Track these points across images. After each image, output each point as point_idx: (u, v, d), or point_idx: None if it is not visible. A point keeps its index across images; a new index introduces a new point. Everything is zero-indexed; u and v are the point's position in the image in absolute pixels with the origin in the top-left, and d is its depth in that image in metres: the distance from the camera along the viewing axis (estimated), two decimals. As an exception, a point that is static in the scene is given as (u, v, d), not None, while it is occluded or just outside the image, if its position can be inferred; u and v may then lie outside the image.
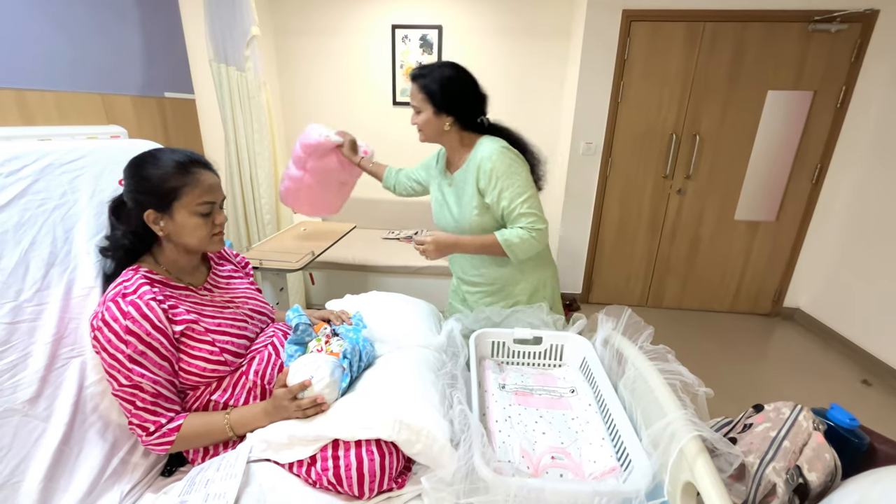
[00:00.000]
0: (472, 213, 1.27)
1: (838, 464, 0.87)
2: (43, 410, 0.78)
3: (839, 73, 2.47)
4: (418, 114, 1.26)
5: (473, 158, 1.24)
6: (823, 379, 2.29)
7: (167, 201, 0.85)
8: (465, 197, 1.28)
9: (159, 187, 0.84)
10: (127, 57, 1.82)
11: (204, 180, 0.88)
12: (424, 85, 1.21)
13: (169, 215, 0.86)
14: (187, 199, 0.86)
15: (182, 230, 0.87)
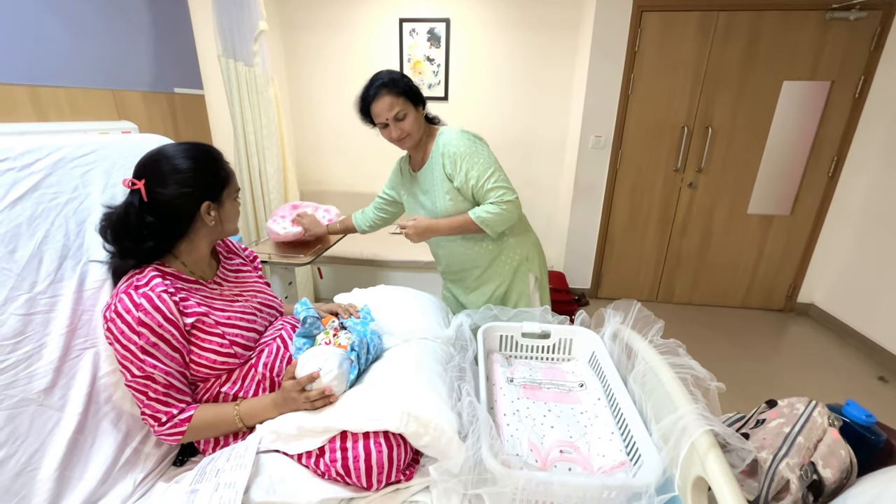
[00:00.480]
0: (446, 200, 1.31)
1: (854, 461, 0.86)
2: (58, 400, 0.79)
3: (858, 62, 2.40)
4: (403, 119, 1.24)
5: (436, 148, 1.30)
6: (839, 375, 2.25)
7: (220, 190, 0.91)
8: (436, 187, 1.32)
9: (213, 178, 0.90)
10: (136, 53, 1.84)
11: (231, 171, 0.96)
12: (398, 88, 1.21)
13: (219, 203, 0.92)
14: (230, 189, 0.94)
15: (228, 216, 0.95)
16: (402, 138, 1.26)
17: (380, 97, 1.21)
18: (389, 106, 1.21)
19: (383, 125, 1.25)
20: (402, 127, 1.24)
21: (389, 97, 1.21)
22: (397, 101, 1.21)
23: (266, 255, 1.79)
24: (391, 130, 1.25)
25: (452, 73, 3.03)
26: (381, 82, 1.21)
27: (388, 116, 1.22)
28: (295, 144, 3.37)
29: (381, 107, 1.22)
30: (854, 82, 2.44)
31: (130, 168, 1.03)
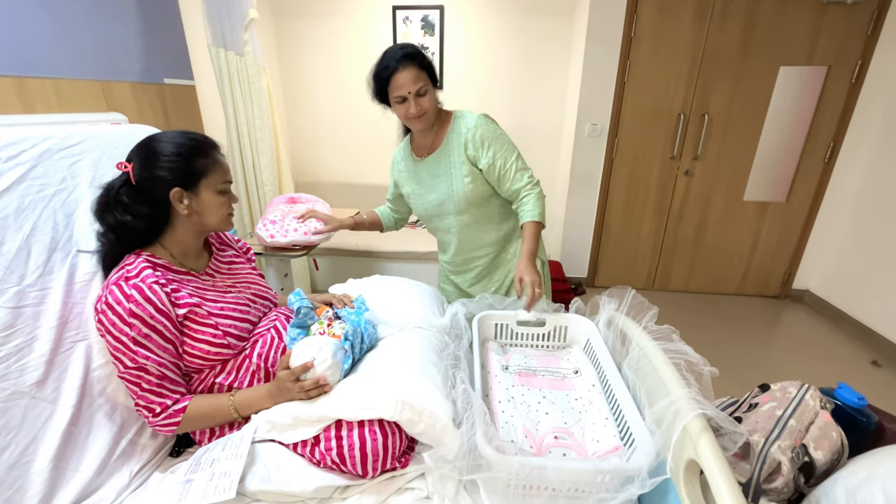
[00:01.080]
0: (465, 183, 1.26)
1: (845, 442, 0.87)
2: (50, 393, 0.79)
3: (855, 46, 2.39)
4: (424, 95, 1.15)
5: (456, 131, 1.24)
6: (833, 360, 2.27)
7: (195, 179, 0.88)
8: (452, 170, 1.26)
9: (188, 165, 0.87)
10: (125, 43, 1.80)
11: (223, 163, 0.93)
12: (422, 62, 1.13)
13: (195, 193, 0.88)
14: (212, 179, 0.89)
15: (206, 208, 0.90)
16: (419, 115, 1.17)
17: (404, 68, 1.11)
18: (414, 78, 1.12)
19: (401, 100, 1.15)
20: (422, 103, 1.15)
21: (415, 69, 1.11)
22: (421, 75, 1.13)
23: (261, 247, 1.79)
24: (410, 106, 1.15)
25: (447, 61, 3.00)
26: (405, 52, 1.11)
27: (412, 90, 1.12)
28: (289, 135, 3.33)
29: (405, 78, 1.11)
30: (851, 67, 2.42)
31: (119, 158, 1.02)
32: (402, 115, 1.19)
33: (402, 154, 1.40)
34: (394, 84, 1.13)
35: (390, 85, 1.13)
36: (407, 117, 1.19)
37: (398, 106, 1.17)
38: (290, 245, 1.76)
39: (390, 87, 1.14)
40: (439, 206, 1.32)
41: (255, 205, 2.32)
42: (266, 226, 1.76)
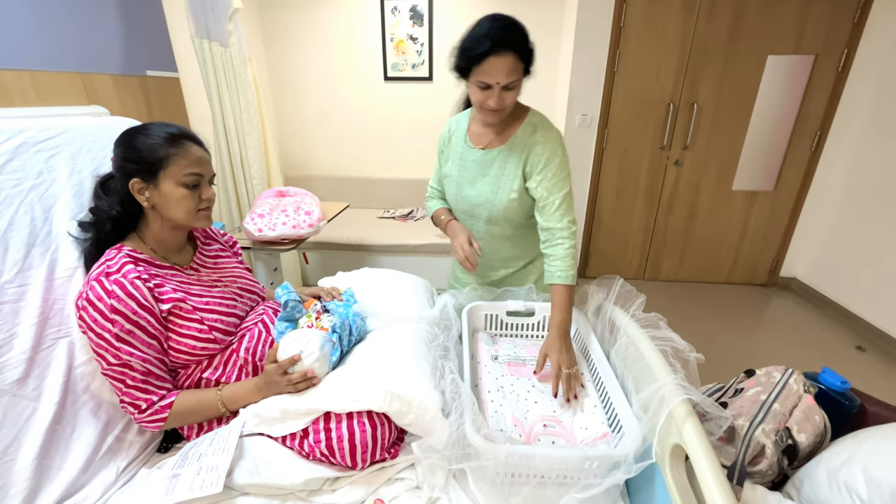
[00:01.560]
0: (509, 198, 1.11)
1: (828, 425, 0.88)
2: (32, 391, 0.78)
3: (841, 35, 2.40)
4: (512, 90, 0.98)
5: (525, 136, 1.08)
6: (819, 346, 2.31)
7: (154, 170, 0.83)
8: (504, 177, 1.11)
9: (147, 155, 0.83)
10: (105, 34, 1.76)
11: (193, 152, 0.87)
12: (525, 51, 0.95)
13: (155, 185, 0.84)
14: (174, 169, 0.84)
15: (168, 201, 0.85)
16: (498, 109, 1.00)
17: (504, 55, 0.92)
18: (509, 70, 0.94)
19: (484, 86, 0.97)
20: (506, 98, 0.98)
21: (512, 60, 0.93)
22: (517, 67, 0.95)
23: (249, 241, 1.77)
24: (492, 97, 0.97)
25: (437, 52, 2.97)
26: (508, 35, 0.93)
27: (502, 81, 0.95)
28: (277, 128, 3.29)
29: (501, 67, 0.93)
30: (837, 55, 2.44)
31: (99, 151, 1.00)
32: (478, 102, 1.02)
33: (457, 130, 1.20)
34: (483, 69, 0.94)
35: (478, 67, 0.95)
36: (482, 107, 1.02)
37: (477, 90, 0.99)
38: (279, 239, 1.74)
39: (478, 69, 0.95)
40: (473, 206, 1.18)
41: (244, 199, 2.29)
42: (254, 219, 1.74)
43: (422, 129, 3.16)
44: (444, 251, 2.59)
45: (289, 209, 1.79)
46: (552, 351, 0.95)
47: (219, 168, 2.23)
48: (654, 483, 0.74)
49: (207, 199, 0.91)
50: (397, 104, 3.14)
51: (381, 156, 3.30)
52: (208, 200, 0.91)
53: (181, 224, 0.89)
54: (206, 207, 0.91)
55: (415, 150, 3.24)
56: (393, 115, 3.18)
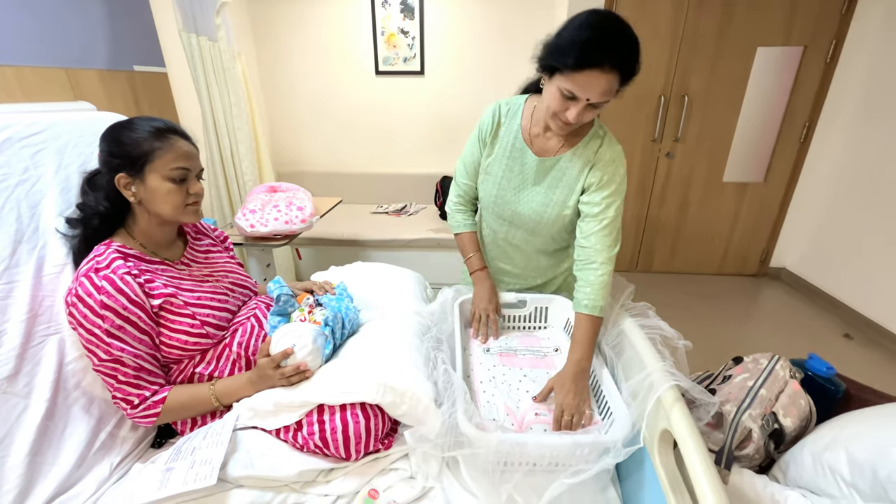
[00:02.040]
0: (563, 213, 1.01)
1: (813, 409, 0.90)
2: (23, 388, 0.77)
3: (829, 26, 2.41)
4: (598, 108, 0.85)
5: (591, 148, 0.97)
6: (807, 334, 2.35)
7: (139, 164, 0.83)
8: (560, 189, 1.00)
9: (132, 150, 0.82)
10: (91, 29, 1.73)
11: (179, 146, 0.86)
12: (628, 72, 0.82)
13: (141, 179, 0.83)
14: (160, 163, 0.83)
15: (154, 196, 0.85)
16: (576, 123, 0.88)
17: (604, 70, 0.78)
18: (606, 90, 0.81)
19: (570, 96, 0.83)
20: (587, 116, 0.86)
21: (614, 80, 0.80)
22: (615, 87, 0.82)
23: (241, 237, 1.76)
24: (573, 110, 0.84)
25: (428, 46, 2.95)
26: (623, 52, 0.80)
27: (594, 99, 0.82)
28: (269, 123, 3.27)
29: (598, 84, 0.80)
30: (826, 46, 2.45)
31: (86, 147, 0.99)
32: (553, 109, 0.87)
33: (508, 122, 1.04)
34: (578, 79, 0.80)
35: (571, 73, 0.80)
36: (557, 115, 0.88)
37: (558, 98, 0.85)
38: (272, 234, 1.73)
39: (569, 75, 0.81)
40: (516, 214, 1.06)
41: (236, 195, 2.27)
42: (246, 215, 1.74)
43: (414, 124, 3.15)
44: (437, 246, 2.59)
45: (281, 205, 1.79)
46: (560, 390, 0.86)
47: (209, 164, 2.21)
48: (644, 468, 0.76)
49: (195, 193, 0.89)
50: (389, 98, 3.12)
51: (374, 150, 3.28)
52: (196, 195, 0.90)
53: (169, 219, 0.89)
54: (195, 202, 0.90)
55: (407, 145, 3.23)
56: (385, 109, 3.16)
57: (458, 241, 1.18)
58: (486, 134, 1.05)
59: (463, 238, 1.17)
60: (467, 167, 1.11)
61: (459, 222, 1.17)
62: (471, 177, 1.11)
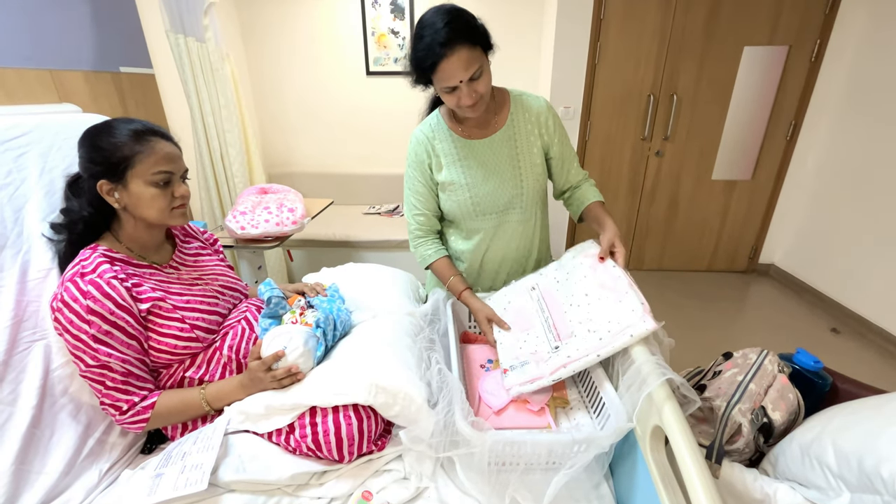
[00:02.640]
0: (537, 172, 1.10)
1: (801, 403, 0.91)
2: (8, 395, 0.76)
3: (814, 25, 2.45)
4: (479, 78, 0.92)
5: (523, 111, 1.08)
6: (795, 330, 2.38)
7: (121, 170, 0.80)
8: (522, 156, 1.07)
9: (112, 156, 0.80)
10: (76, 29, 1.70)
11: (160, 149, 0.83)
12: (475, 36, 0.90)
13: (123, 185, 0.81)
14: (141, 168, 0.81)
15: (138, 201, 0.83)
16: (475, 103, 0.94)
17: (454, 53, 0.86)
18: (466, 63, 0.88)
19: (450, 90, 0.92)
20: (477, 88, 0.92)
21: (466, 52, 0.87)
22: (474, 54, 0.89)
23: (232, 240, 1.75)
24: (462, 96, 0.92)
25: (418, 46, 2.95)
26: (450, 29, 0.86)
27: (464, 77, 0.89)
28: (259, 125, 3.24)
29: (455, 66, 0.87)
30: (810, 46, 2.49)
31: (70, 150, 0.98)
32: (454, 105, 0.97)
33: (436, 135, 1.10)
34: (440, 74, 0.90)
35: (435, 75, 0.91)
36: (458, 107, 0.97)
37: (448, 96, 0.95)
38: (263, 236, 1.72)
39: (436, 76, 0.91)
40: (498, 201, 1.10)
41: (226, 197, 2.26)
42: (236, 217, 1.72)
43: (405, 124, 3.14)
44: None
45: (272, 206, 1.78)
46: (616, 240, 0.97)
47: (199, 166, 2.19)
48: (636, 464, 0.76)
49: (181, 196, 0.87)
50: (380, 99, 3.12)
51: (365, 151, 3.27)
52: (182, 198, 0.87)
53: (155, 223, 0.87)
54: (181, 205, 0.88)
55: (399, 145, 3.21)
56: (376, 109, 3.15)
57: (434, 271, 1.17)
58: (424, 157, 1.11)
59: (436, 267, 1.16)
60: (419, 199, 1.14)
61: (427, 255, 1.17)
62: (426, 205, 1.15)
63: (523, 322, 1.01)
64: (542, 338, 0.95)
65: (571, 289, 0.98)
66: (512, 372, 0.92)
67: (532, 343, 0.95)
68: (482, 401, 0.91)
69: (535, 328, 0.98)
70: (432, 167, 1.11)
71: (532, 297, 1.05)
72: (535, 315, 1.00)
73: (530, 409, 0.88)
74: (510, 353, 0.96)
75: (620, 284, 0.89)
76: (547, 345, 0.93)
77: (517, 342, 0.98)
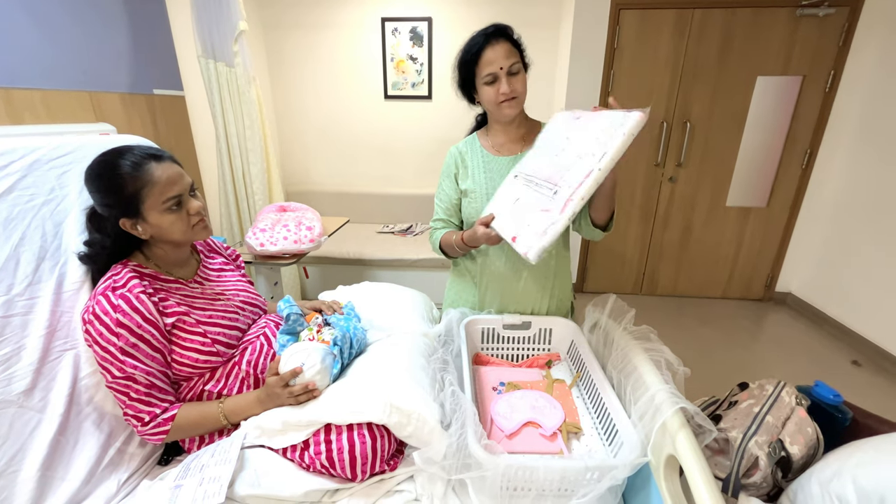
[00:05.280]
0: None
1: (820, 437, 0.90)
2: (38, 402, 0.79)
3: (827, 57, 2.48)
4: (517, 74, 1.03)
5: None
6: (814, 361, 2.32)
7: (134, 207, 0.83)
8: None
9: (121, 196, 0.82)
10: (114, 54, 1.82)
11: (160, 176, 0.83)
12: (514, 39, 1.03)
13: (143, 219, 0.84)
14: (151, 201, 0.83)
15: (161, 229, 0.86)
16: (510, 98, 1.03)
17: (497, 43, 1.01)
18: (507, 53, 1.01)
19: (491, 79, 1.02)
20: (514, 84, 1.02)
21: (506, 45, 1.01)
22: (514, 52, 1.02)
23: (251, 256, 1.79)
24: (501, 84, 1.01)
25: (436, 72, 3.05)
26: (496, 27, 1.03)
27: (504, 65, 1.00)
28: (279, 145, 3.35)
29: (496, 53, 1.00)
30: (824, 76, 2.51)
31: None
32: (492, 99, 1.04)
33: (469, 149, 1.19)
34: (483, 61, 1.01)
35: (479, 63, 1.02)
36: (497, 100, 1.04)
37: (487, 88, 1.04)
38: (280, 253, 1.77)
39: (479, 65, 1.02)
40: None
41: (245, 214, 2.32)
42: (256, 234, 1.77)
43: (421, 146, 3.23)
44: (442, 266, 2.62)
45: (290, 224, 1.82)
46: None
47: (221, 182, 2.27)
48: (650, 495, 0.75)
49: (195, 212, 0.89)
50: (397, 122, 3.21)
51: (381, 172, 3.35)
52: (197, 213, 0.89)
53: (183, 243, 0.92)
54: (200, 220, 0.90)
55: (414, 167, 3.29)
56: (393, 132, 3.24)
57: (444, 244, 1.19)
58: (454, 168, 1.19)
59: (443, 240, 1.19)
60: (442, 205, 1.22)
61: (435, 238, 1.22)
62: (447, 211, 1.22)
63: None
64: (537, 194, 0.90)
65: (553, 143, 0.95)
66: (521, 236, 0.87)
67: (530, 202, 0.90)
68: (494, 423, 0.91)
69: (527, 194, 0.93)
70: (458, 177, 1.19)
71: (518, 182, 1.00)
72: (526, 190, 0.95)
73: (542, 434, 0.88)
74: (511, 222, 0.92)
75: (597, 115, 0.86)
76: (545, 196, 0.87)
77: (515, 211, 0.93)
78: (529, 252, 0.84)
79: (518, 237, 0.88)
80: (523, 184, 0.98)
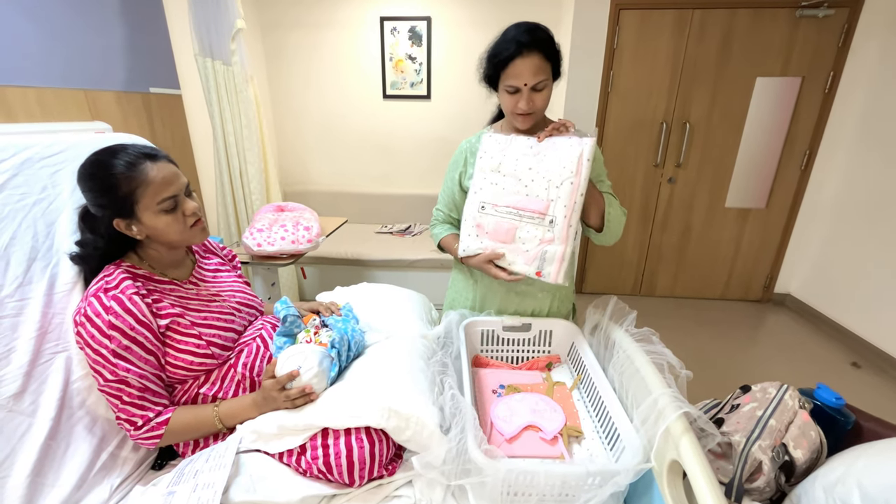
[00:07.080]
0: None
1: (824, 441, 0.89)
2: (28, 406, 0.77)
3: (827, 58, 2.48)
4: (541, 91, 0.98)
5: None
6: (814, 362, 2.32)
7: (128, 207, 0.81)
8: None
9: (114, 196, 0.80)
10: (110, 52, 1.80)
11: (154, 176, 0.81)
12: (551, 51, 0.96)
13: (137, 219, 0.82)
14: (146, 201, 0.81)
15: (156, 230, 0.84)
16: (528, 113, 1.00)
17: (529, 55, 0.94)
18: (536, 70, 0.94)
19: (513, 90, 0.98)
20: (535, 100, 0.98)
21: (539, 59, 0.94)
22: (544, 67, 0.95)
23: (248, 256, 1.77)
24: (521, 99, 0.98)
25: (434, 71, 3.04)
26: (533, 36, 0.94)
27: (530, 82, 0.95)
28: (277, 144, 3.33)
29: (525, 67, 0.94)
30: (824, 78, 2.51)
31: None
32: (509, 108, 1.02)
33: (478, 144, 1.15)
34: (510, 71, 0.96)
35: (506, 71, 0.97)
36: (514, 112, 1.02)
37: (507, 96, 1.00)
38: (278, 254, 1.75)
39: (505, 72, 0.97)
40: None
41: (243, 214, 2.31)
42: (253, 234, 1.75)
43: (419, 146, 3.22)
44: (440, 266, 2.61)
45: (288, 224, 1.81)
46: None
47: (218, 182, 2.25)
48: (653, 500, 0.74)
49: (192, 213, 0.87)
50: (395, 121, 3.19)
51: (380, 172, 3.34)
52: (193, 214, 0.87)
53: (179, 244, 0.90)
54: (197, 220, 0.88)
55: (412, 167, 3.28)
56: (391, 132, 3.23)
57: (445, 246, 1.21)
58: (460, 163, 1.17)
59: (447, 240, 1.20)
60: (444, 197, 1.23)
61: (439, 232, 1.24)
62: (447, 204, 1.23)
63: (504, 234, 1.01)
64: (532, 227, 0.98)
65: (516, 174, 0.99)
66: (544, 270, 0.97)
67: (531, 237, 0.98)
68: (494, 427, 0.90)
69: (520, 228, 1.00)
70: (462, 174, 1.17)
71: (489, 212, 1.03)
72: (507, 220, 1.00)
73: (543, 438, 0.87)
74: (525, 260, 0.99)
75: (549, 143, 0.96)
76: (541, 227, 0.97)
77: (520, 249, 1.00)
78: (558, 279, 0.96)
79: (542, 272, 0.98)
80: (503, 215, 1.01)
